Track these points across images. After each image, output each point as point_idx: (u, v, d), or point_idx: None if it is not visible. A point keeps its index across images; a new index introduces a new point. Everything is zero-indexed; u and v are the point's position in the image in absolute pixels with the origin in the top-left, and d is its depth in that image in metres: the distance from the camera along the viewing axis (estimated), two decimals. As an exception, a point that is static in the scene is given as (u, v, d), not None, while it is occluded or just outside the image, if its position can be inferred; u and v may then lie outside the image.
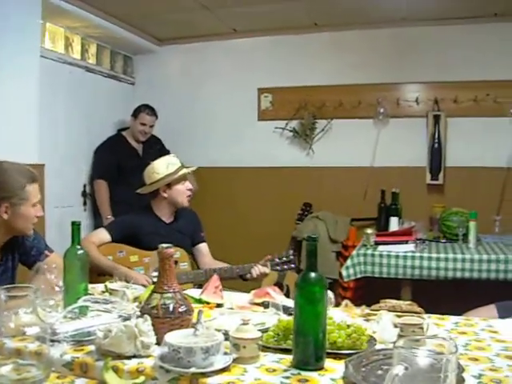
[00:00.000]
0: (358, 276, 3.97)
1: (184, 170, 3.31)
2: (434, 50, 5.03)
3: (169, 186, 3.27)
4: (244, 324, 1.66)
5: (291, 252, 3.43)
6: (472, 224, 4.17)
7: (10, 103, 3.80)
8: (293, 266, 3.39)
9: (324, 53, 5.28)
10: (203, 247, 3.56)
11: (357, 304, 2.30)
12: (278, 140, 5.37)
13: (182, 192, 3.31)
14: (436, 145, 4.90)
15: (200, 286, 2.88)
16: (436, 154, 4.91)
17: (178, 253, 3.25)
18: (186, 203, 3.35)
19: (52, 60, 4.58)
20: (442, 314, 2.32)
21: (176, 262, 3.22)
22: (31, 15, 4.00)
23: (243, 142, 5.48)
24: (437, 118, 4.93)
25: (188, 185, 3.35)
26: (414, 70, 5.09)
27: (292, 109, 5.28)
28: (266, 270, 3.20)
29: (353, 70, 5.18)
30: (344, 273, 3.96)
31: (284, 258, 3.34)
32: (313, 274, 1.56)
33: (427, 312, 2.33)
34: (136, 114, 5.12)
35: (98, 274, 3.02)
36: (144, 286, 2.64)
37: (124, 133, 5.21)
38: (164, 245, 1.81)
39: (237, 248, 5.26)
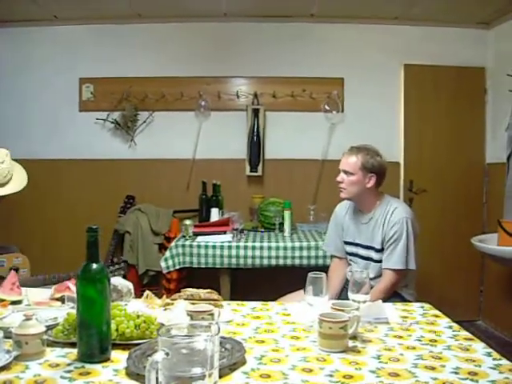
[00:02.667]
0: (177, 267, 4.02)
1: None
2: (253, 45, 5.20)
3: None
4: (27, 319, 1.61)
5: (122, 258, 3.41)
6: (287, 213, 4.37)
7: None
8: (122, 272, 3.38)
9: (147, 44, 5.22)
10: None
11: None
12: (100, 132, 5.22)
13: None
14: (255, 138, 5.05)
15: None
16: (255, 146, 5.06)
17: (19, 259, 3.15)
18: None
19: None
20: (262, 300, 2.42)
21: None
22: None
23: (64, 134, 5.26)
24: (256, 112, 5.07)
25: None
26: (235, 65, 5.21)
27: (114, 100, 5.16)
28: None
29: (175, 62, 5.19)
30: (163, 264, 3.99)
31: (116, 266, 3.32)
32: (94, 265, 1.55)
33: (245, 299, 2.42)
34: None
35: None
36: None
37: None
38: None
39: (61, 243, 5.10)
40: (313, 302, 1.96)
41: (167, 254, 4.00)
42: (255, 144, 5.05)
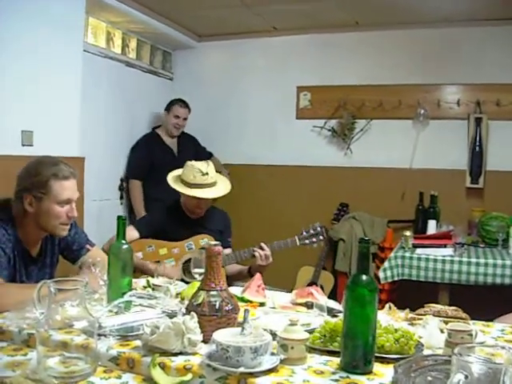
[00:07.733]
0: (396, 278, 3.93)
1: (200, 193, 3.19)
2: (475, 51, 4.94)
3: None
4: (292, 325, 1.64)
5: (317, 224, 3.39)
6: (513, 229, 4.10)
7: (53, 97, 3.85)
8: (321, 237, 3.34)
9: (364, 52, 5.22)
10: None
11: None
12: (316, 139, 5.34)
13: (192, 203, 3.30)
14: (477, 148, 4.81)
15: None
16: (477, 157, 4.82)
17: (205, 240, 3.25)
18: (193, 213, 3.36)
19: (94, 54, 4.61)
20: (478, 319, 2.27)
21: None
22: (75, 9, 4.05)
23: (280, 140, 5.47)
24: (478, 121, 4.83)
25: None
26: (456, 72, 5.00)
27: (331, 108, 5.24)
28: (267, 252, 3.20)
29: (393, 69, 5.11)
30: (381, 275, 3.92)
31: (311, 231, 3.30)
32: (364, 277, 1.54)
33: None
34: (169, 107, 5.14)
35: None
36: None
37: (158, 130, 5.21)
38: (212, 242, 1.81)
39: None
40: None
41: (386, 264, 3.92)
42: (477, 155, 4.81)
